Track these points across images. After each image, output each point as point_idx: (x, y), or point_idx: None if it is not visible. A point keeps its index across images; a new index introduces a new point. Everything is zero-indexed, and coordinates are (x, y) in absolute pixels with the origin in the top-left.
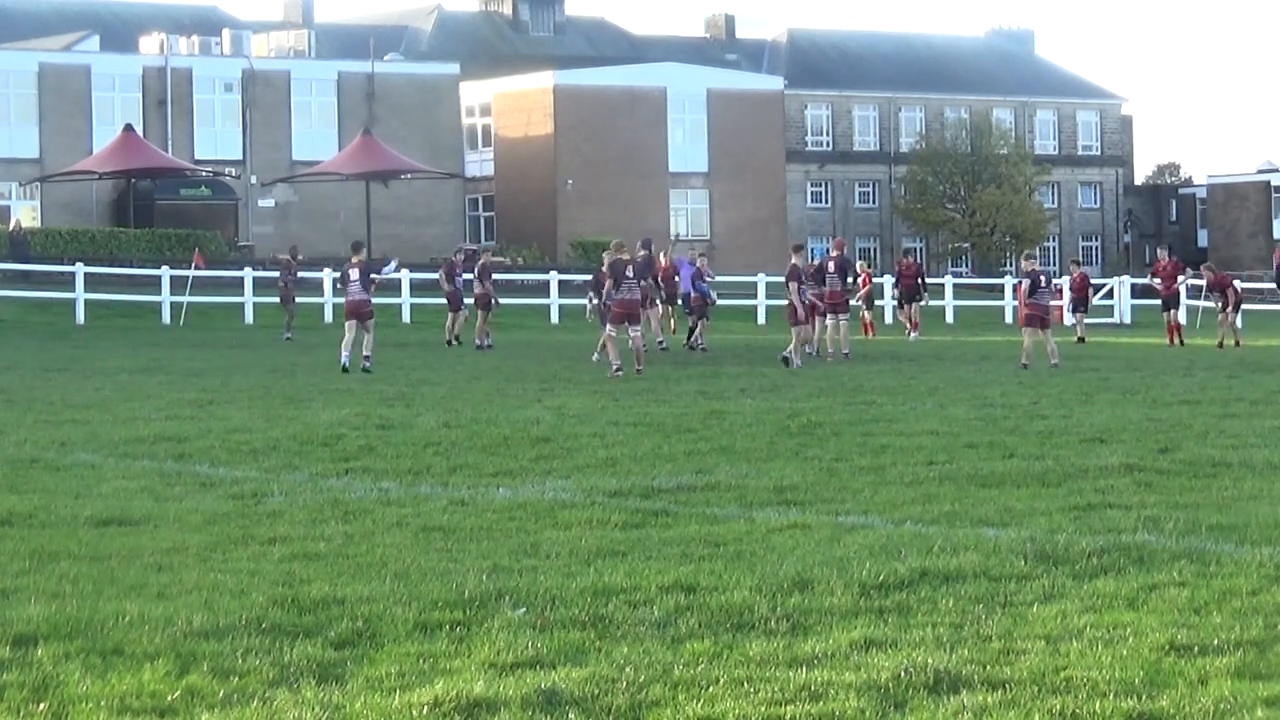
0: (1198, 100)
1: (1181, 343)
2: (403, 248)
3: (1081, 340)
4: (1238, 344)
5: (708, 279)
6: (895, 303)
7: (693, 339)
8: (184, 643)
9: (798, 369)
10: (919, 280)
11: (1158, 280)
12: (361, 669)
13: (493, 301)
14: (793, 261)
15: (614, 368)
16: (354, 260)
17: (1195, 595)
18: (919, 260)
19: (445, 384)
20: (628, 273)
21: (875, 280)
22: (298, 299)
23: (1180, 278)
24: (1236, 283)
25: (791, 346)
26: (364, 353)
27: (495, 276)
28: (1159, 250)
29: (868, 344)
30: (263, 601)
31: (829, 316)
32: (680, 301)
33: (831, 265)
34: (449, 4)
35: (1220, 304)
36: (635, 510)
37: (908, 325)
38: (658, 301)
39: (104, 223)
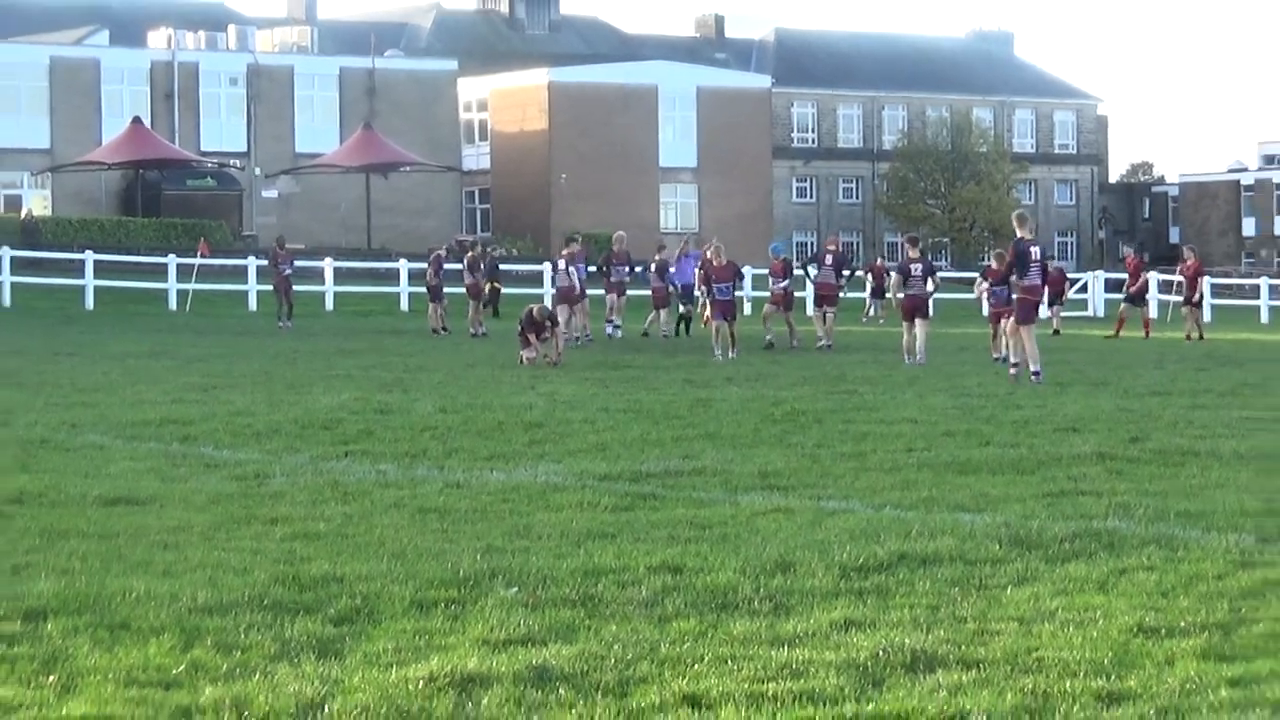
0: (1171, 101)
1: (1146, 334)
2: (401, 239)
3: (1057, 333)
4: (1202, 337)
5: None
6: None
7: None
8: (189, 618)
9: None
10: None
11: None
12: (360, 645)
13: (488, 291)
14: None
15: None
16: (566, 252)
17: (1163, 579)
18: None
19: (441, 370)
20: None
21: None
22: (295, 287)
23: (1143, 275)
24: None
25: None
26: (574, 334)
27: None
28: (1124, 248)
29: (852, 335)
30: (265, 579)
31: (819, 307)
32: (680, 293)
33: (829, 259)
34: (448, 2)
35: (1186, 296)
36: (624, 494)
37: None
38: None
39: (112, 212)
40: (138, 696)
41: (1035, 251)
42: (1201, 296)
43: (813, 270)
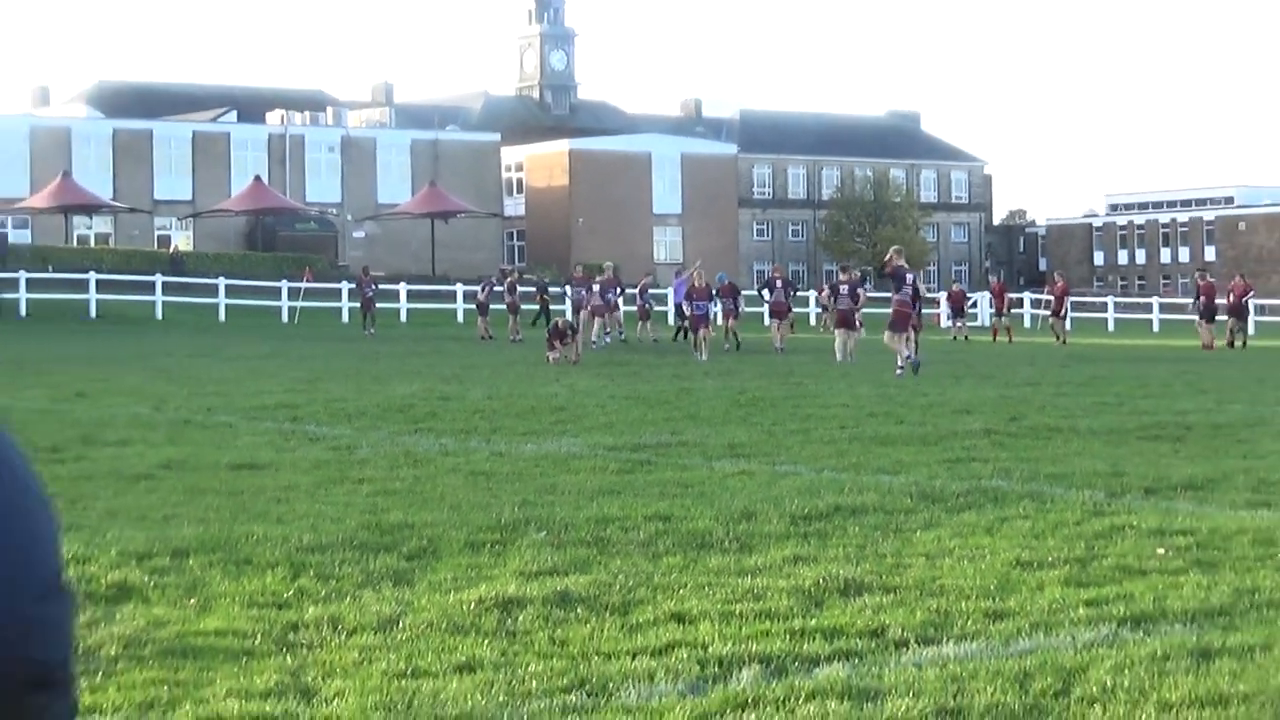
0: (1040, 162)
1: (995, 340)
2: (457, 268)
3: (966, 339)
4: (1065, 341)
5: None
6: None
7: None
8: (296, 555)
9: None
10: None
11: (990, 296)
12: (426, 575)
13: (539, 306)
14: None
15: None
16: (600, 278)
17: (1035, 525)
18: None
19: (488, 368)
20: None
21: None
22: (377, 304)
23: (1007, 295)
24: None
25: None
26: (605, 338)
27: (528, 289)
28: (989, 276)
29: (799, 341)
30: (354, 525)
31: (774, 319)
32: (675, 311)
33: (779, 283)
34: (493, 90)
35: (1054, 310)
36: (626, 460)
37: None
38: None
39: (239, 248)
40: (258, 615)
41: (908, 276)
42: (1066, 311)
43: (767, 293)
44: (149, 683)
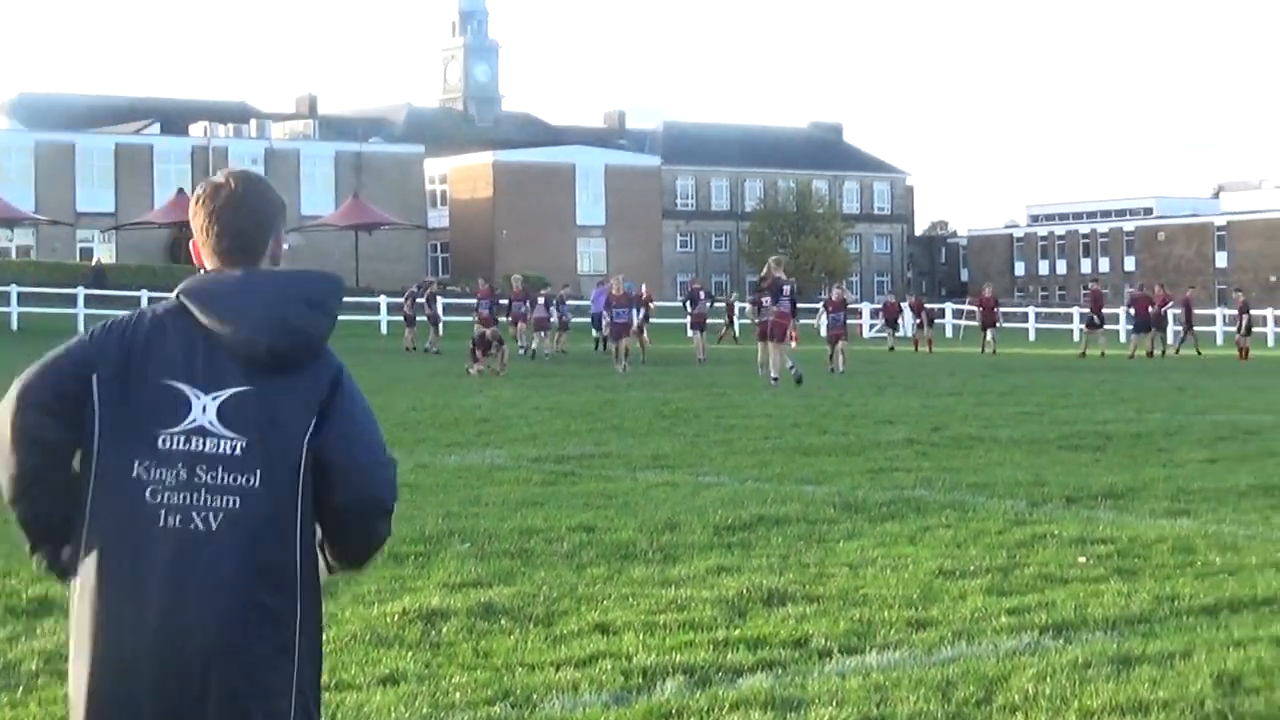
0: (962, 174)
1: (916, 350)
2: (380, 281)
3: (892, 349)
4: (994, 351)
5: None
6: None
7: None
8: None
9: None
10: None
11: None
12: (349, 587)
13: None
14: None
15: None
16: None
17: (957, 534)
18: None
19: (413, 379)
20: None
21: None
22: None
23: (926, 306)
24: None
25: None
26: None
27: (448, 301)
28: (909, 293)
29: (729, 352)
30: None
31: (694, 330)
32: (592, 321)
33: (701, 294)
34: (416, 101)
35: (984, 321)
36: (550, 471)
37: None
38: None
39: (162, 260)
40: None
41: (786, 288)
42: (996, 321)
43: (689, 305)
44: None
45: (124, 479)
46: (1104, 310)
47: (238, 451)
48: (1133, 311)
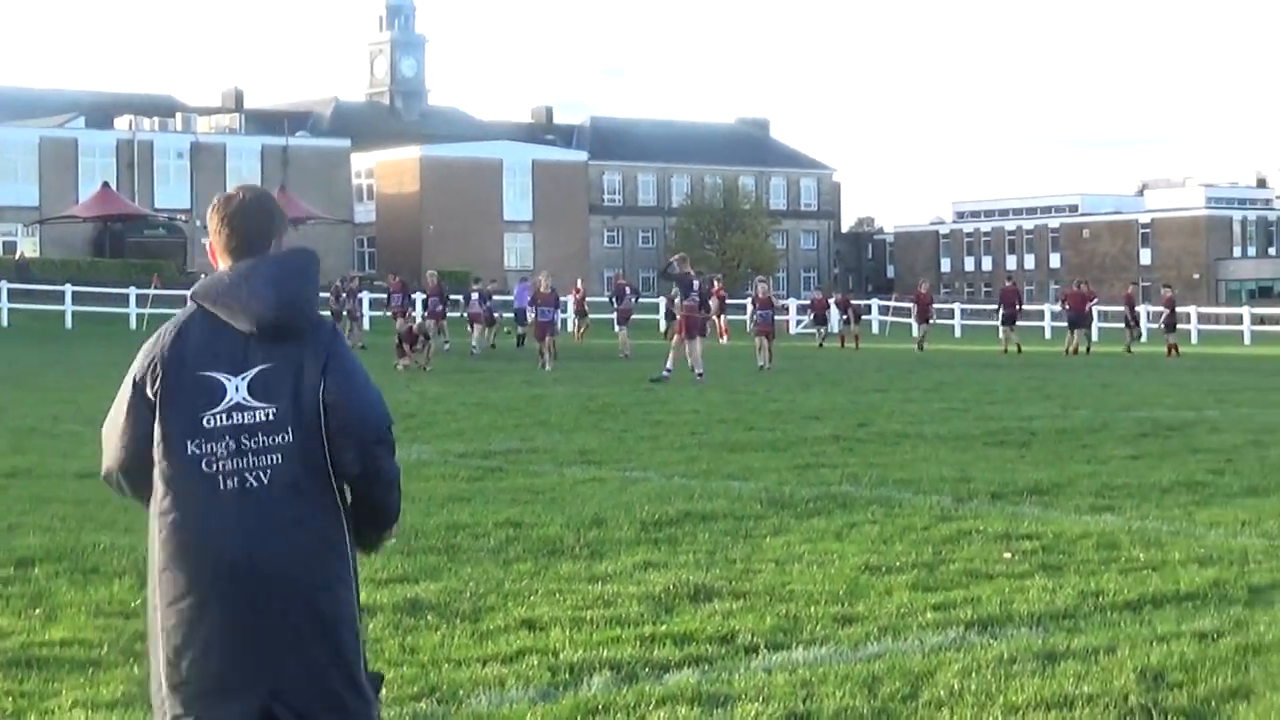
0: (888, 170)
1: (843, 347)
2: None
3: (821, 345)
4: (921, 348)
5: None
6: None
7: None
8: (143, 564)
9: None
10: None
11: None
12: None
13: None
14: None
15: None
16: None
17: (883, 530)
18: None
19: None
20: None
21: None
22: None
23: (853, 303)
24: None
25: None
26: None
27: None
28: (835, 289)
29: (656, 347)
30: None
31: (619, 326)
32: (514, 316)
33: (627, 290)
34: (344, 95)
35: (919, 318)
36: (477, 467)
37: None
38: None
39: (87, 254)
40: (105, 625)
41: (695, 282)
42: (929, 317)
43: (615, 301)
44: None
45: (182, 457)
46: (1022, 306)
47: (271, 417)
48: (1067, 307)
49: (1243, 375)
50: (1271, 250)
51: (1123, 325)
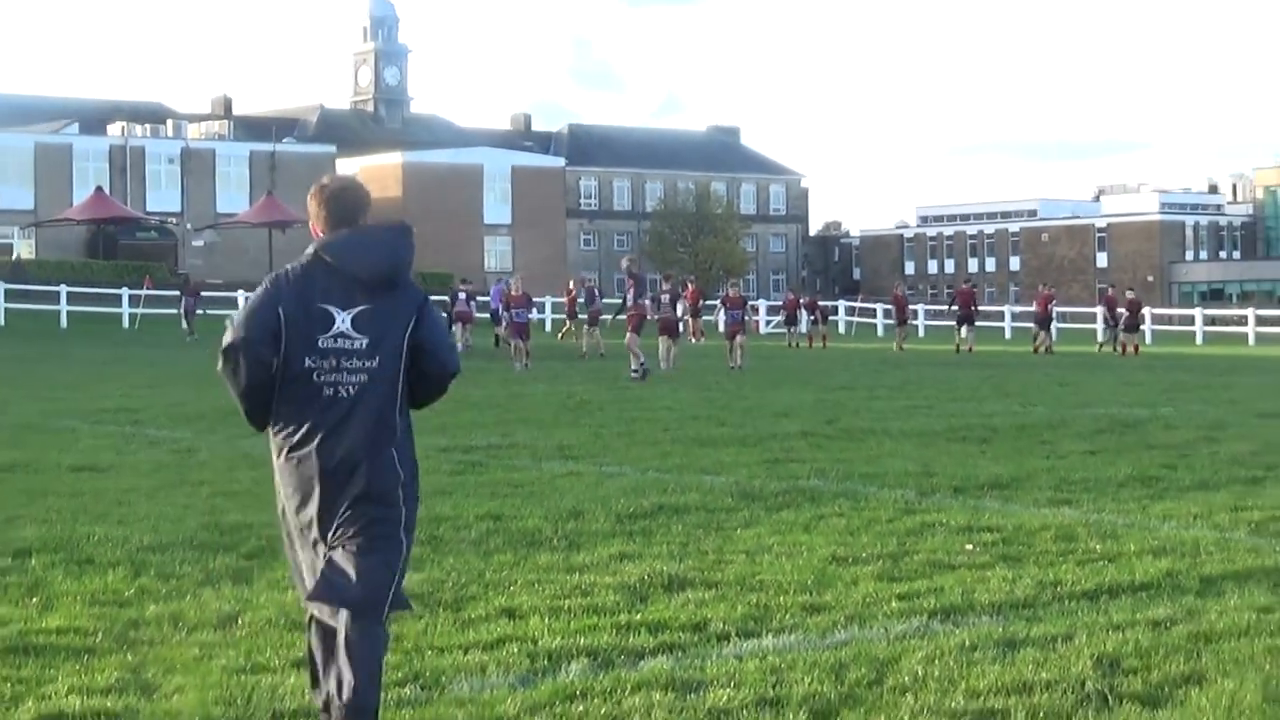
0: (854, 176)
1: (811, 346)
2: None
3: (796, 346)
4: (901, 348)
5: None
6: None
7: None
8: (137, 555)
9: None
10: (699, 302)
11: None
12: (264, 573)
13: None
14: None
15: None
16: (665, 286)
17: (850, 523)
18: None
19: None
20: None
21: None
22: (207, 312)
23: (819, 303)
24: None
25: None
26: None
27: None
28: (788, 291)
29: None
30: (194, 526)
31: (591, 326)
32: (490, 316)
33: (597, 292)
34: (329, 103)
35: (898, 319)
36: (459, 462)
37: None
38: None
39: (80, 256)
40: (99, 613)
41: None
42: (906, 318)
43: (587, 303)
44: None
45: (300, 368)
46: (977, 308)
47: (363, 347)
48: (1035, 309)
49: (1195, 374)
50: (1222, 254)
51: (1100, 325)
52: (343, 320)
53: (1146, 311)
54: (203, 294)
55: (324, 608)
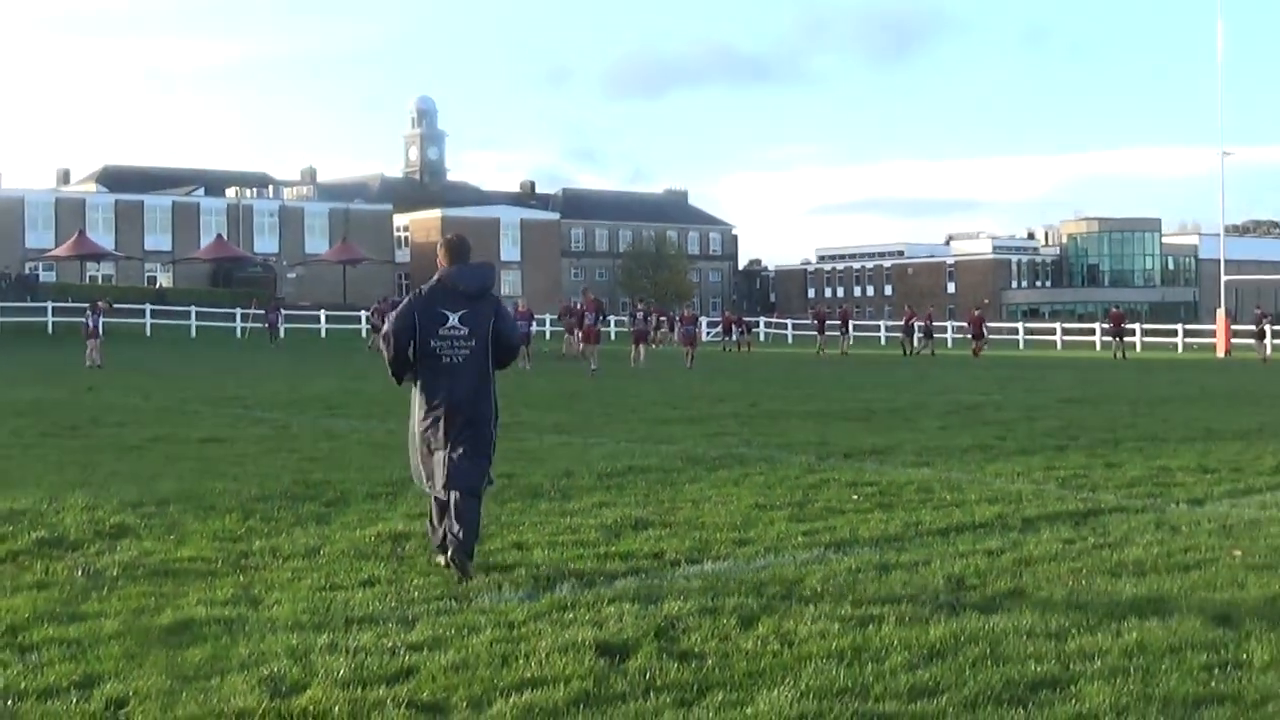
0: (772, 226)
1: (740, 351)
2: (362, 300)
3: (729, 350)
4: (845, 353)
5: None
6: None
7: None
8: (247, 504)
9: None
10: (660, 319)
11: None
12: (339, 517)
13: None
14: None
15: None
16: (639, 308)
17: (768, 479)
18: (655, 308)
19: (382, 370)
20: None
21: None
22: (294, 325)
23: (744, 320)
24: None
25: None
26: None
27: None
28: (724, 311)
29: (608, 351)
30: (288, 482)
31: (585, 343)
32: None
33: (586, 311)
34: (387, 173)
35: (842, 330)
36: None
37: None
38: None
39: (206, 285)
40: (219, 546)
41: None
42: (848, 329)
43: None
44: (141, 595)
45: (429, 347)
46: (851, 321)
47: (465, 334)
48: (912, 323)
49: (1018, 370)
50: (1038, 283)
51: (969, 338)
52: (454, 318)
53: (986, 326)
54: (288, 311)
55: (444, 490)
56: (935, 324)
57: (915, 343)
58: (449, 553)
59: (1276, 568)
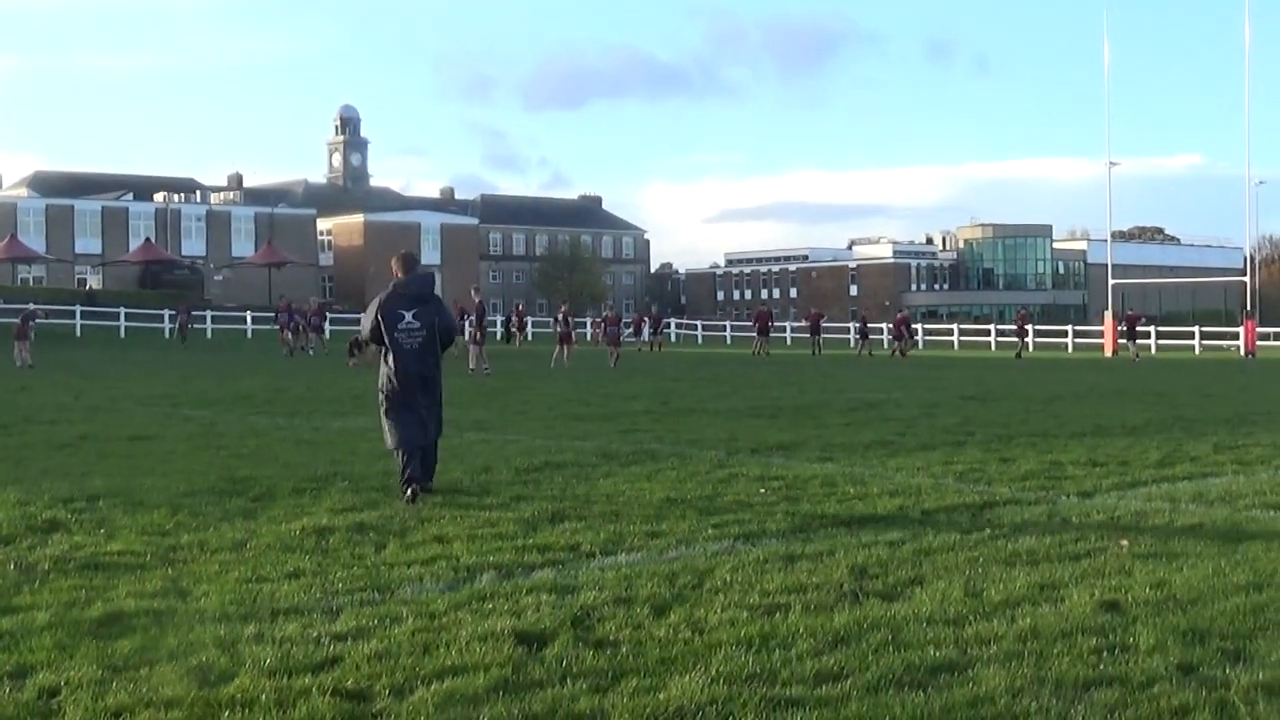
0: (682, 231)
1: (651, 350)
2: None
3: (642, 350)
4: (768, 354)
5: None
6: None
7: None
8: (175, 499)
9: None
10: (619, 325)
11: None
12: (265, 511)
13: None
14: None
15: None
16: (564, 310)
17: (679, 474)
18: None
19: (307, 370)
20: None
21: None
22: (204, 325)
23: (658, 320)
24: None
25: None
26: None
27: (330, 316)
28: (636, 312)
29: (528, 351)
30: (215, 478)
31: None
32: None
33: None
34: (311, 178)
35: (759, 330)
36: None
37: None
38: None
39: (134, 287)
40: (148, 540)
41: (481, 308)
42: (769, 331)
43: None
44: (72, 588)
45: (394, 338)
46: (772, 323)
47: (418, 326)
48: (806, 323)
49: (917, 370)
50: (936, 286)
51: (889, 338)
52: (409, 316)
53: (882, 325)
54: (215, 313)
55: (407, 440)
56: (832, 323)
57: (851, 343)
58: (416, 483)
59: (1161, 556)
